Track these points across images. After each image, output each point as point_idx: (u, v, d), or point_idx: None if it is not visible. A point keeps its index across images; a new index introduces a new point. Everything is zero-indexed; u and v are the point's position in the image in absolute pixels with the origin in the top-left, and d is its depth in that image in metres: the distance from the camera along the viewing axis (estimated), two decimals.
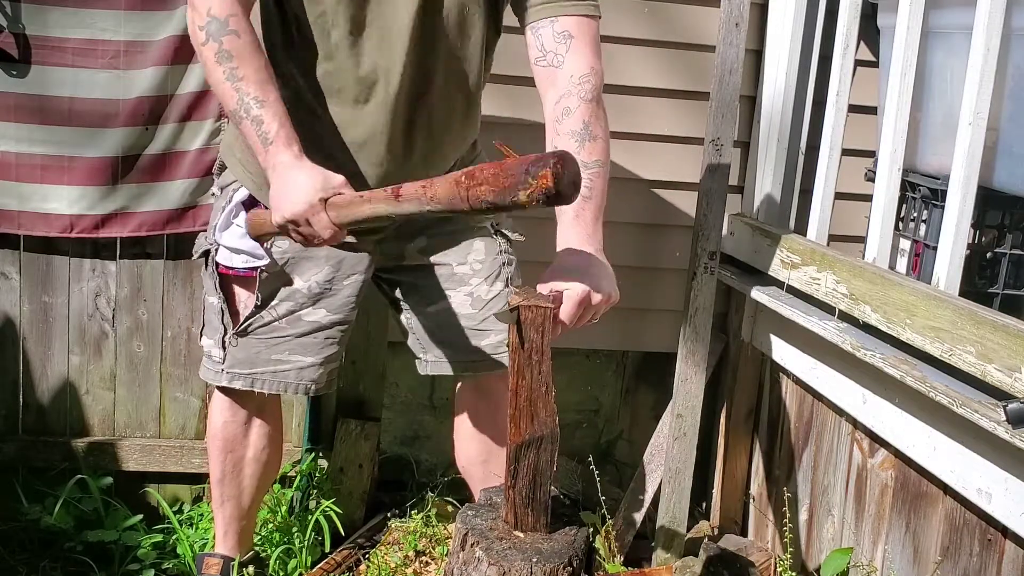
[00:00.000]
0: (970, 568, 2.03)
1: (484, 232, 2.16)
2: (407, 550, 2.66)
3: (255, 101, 1.73)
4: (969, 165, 2.11)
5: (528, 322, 1.53)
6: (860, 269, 2.33)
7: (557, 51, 1.84)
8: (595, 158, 1.81)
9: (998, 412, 1.81)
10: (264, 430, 2.26)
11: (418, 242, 2.15)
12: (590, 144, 1.81)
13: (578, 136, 1.80)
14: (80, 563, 2.55)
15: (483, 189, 1.55)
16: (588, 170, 1.77)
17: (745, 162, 2.98)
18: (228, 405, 2.23)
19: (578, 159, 1.68)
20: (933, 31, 2.46)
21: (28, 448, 2.73)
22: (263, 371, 2.10)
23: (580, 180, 1.52)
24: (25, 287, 2.69)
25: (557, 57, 1.84)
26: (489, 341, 2.13)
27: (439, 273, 2.14)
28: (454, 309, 2.13)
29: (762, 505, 2.87)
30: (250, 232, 1.94)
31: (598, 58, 1.87)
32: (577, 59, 1.84)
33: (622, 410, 3.17)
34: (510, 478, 1.61)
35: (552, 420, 1.59)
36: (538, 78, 1.88)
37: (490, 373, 2.14)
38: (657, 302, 2.99)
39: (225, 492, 2.30)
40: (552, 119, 1.84)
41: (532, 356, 1.55)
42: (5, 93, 2.49)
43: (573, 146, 1.78)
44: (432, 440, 3.06)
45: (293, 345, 2.11)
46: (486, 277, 2.14)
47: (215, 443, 2.28)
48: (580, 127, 1.80)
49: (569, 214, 1.75)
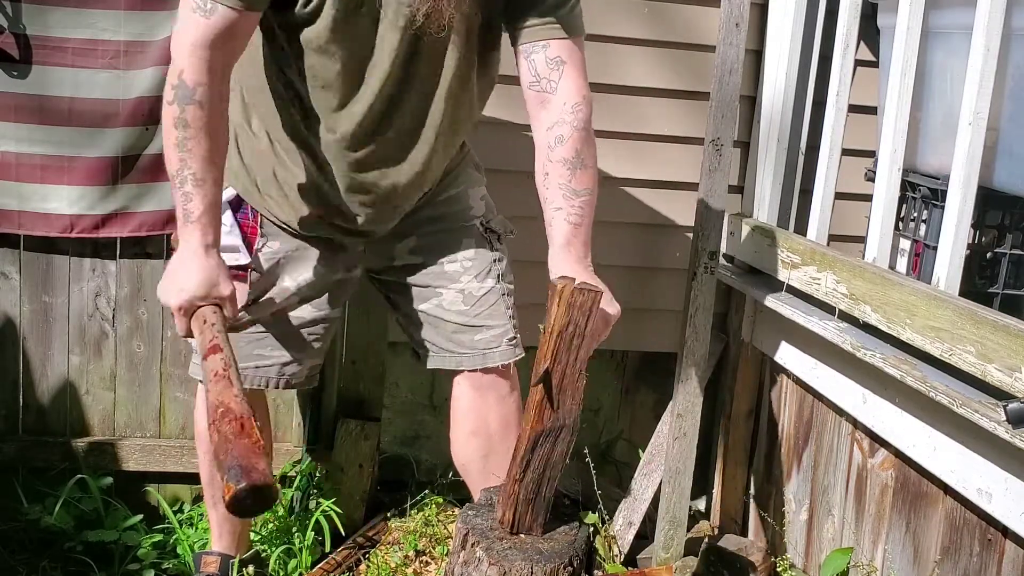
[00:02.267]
0: (970, 568, 2.03)
1: (473, 230, 2.18)
2: (407, 550, 2.66)
3: (192, 177, 1.79)
4: (969, 165, 2.11)
5: (577, 305, 1.53)
6: (860, 269, 2.33)
7: (550, 77, 1.89)
8: (585, 186, 1.88)
9: (998, 412, 1.81)
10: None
11: (408, 242, 2.16)
12: (581, 172, 1.88)
13: (570, 164, 1.87)
14: (80, 563, 2.55)
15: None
16: (579, 197, 1.86)
17: (745, 162, 2.98)
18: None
19: (570, 186, 1.83)
20: (933, 31, 2.46)
21: (28, 448, 2.73)
22: (245, 366, 2.09)
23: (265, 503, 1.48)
24: (25, 287, 2.69)
25: (551, 83, 1.89)
26: (482, 336, 2.14)
27: (430, 271, 2.16)
28: (446, 306, 2.15)
29: (762, 505, 2.87)
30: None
31: (587, 83, 1.93)
32: (570, 86, 1.90)
33: (622, 410, 3.17)
34: (519, 469, 1.59)
35: (576, 409, 1.58)
36: (530, 101, 1.94)
37: (484, 368, 2.15)
38: (657, 302, 2.99)
39: (216, 494, 2.30)
40: (545, 145, 1.90)
41: (573, 340, 1.55)
42: (5, 93, 2.49)
43: (565, 174, 1.86)
44: (432, 440, 3.06)
45: (276, 341, 2.13)
46: (477, 274, 2.15)
47: (201, 445, 2.28)
48: (573, 155, 1.88)
49: (560, 240, 1.84)
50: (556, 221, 1.86)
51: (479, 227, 2.19)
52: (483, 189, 2.25)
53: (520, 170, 2.21)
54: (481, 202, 2.22)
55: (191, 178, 1.79)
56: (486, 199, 2.24)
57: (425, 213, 2.16)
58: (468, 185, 2.21)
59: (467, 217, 2.18)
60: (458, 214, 2.18)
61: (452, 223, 2.17)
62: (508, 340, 2.14)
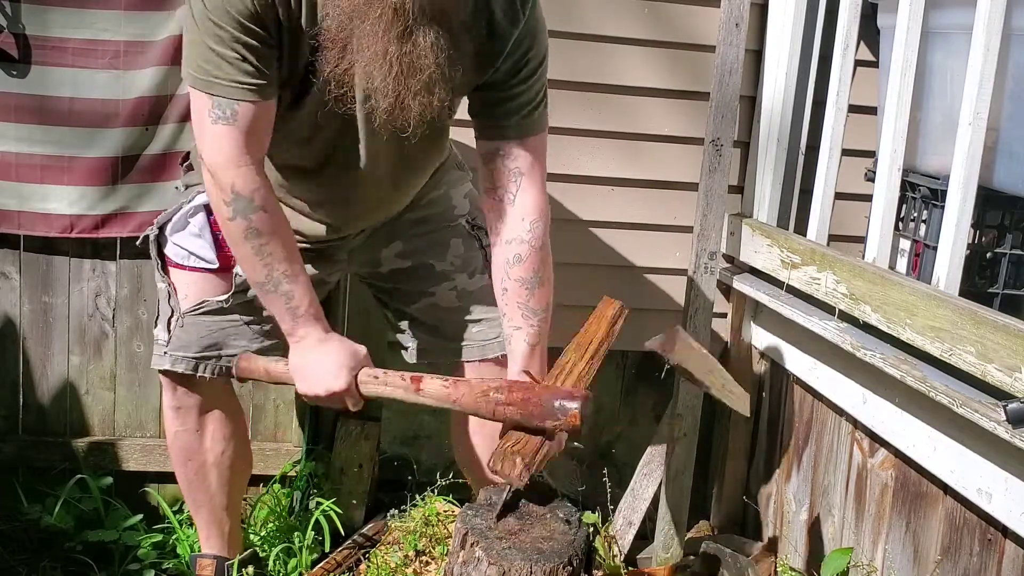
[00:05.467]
0: (970, 568, 2.03)
1: (460, 230, 2.18)
2: (407, 550, 2.66)
3: (285, 276, 1.80)
4: (969, 165, 2.11)
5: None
6: (860, 269, 2.33)
7: (508, 188, 1.89)
8: (542, 304, 1.92)
9: (998, 412, 1.81)
10: (220, 432, 2.20)
11: (394, 246, 2.16)
12: (539, 291, 1.91)
13: (528, 284, 1.90)
14: (80, 563, 2.55)
15: (510, 409, 1.73)
16: (536, 316, 1.90)
17: (745, 162, 2.98)
18: (175, 410, 2.16)
19: (528, 306, 1.87)
20: (933, 31, 2.46)
21: (28, 448, 2.73)
22: (209, 355, 2.07)
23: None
24: (25, 287, 2.69)
25: (508, 195, 1.90)
26: (479, 329, 2.14)
27: (420, 274, 2.16)
28: (440, 304, 2.15)
29: (762, 505, 2.87)
30: (238, 375, 2.01)
31: (545, 193, 1.93)
32: (527, 201, 1.90)
33: (622, 410, 3.17)
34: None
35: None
36: (486, 206, 1.95)
37: (483, 360, 2.15)
38: (657, 302, 2.98)
39: (196, 498, 2.27)
40: (503, 261, 1.92)
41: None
42: (5, 93, 2.49)
43: (523, 293, 1.89)
44: (432, 440, 3.06)
45: (241, 330, 2.09)
46: (468, 272, 2.16)
47: (173, 454, 2.23)
48: (531, 275, 1.90)
49: (520, 360, 1.89)
50: (515, 340, 1.91)
51: (465, 225, 2.19)
52: (468, 186, 2.24)
53: None
54: (465, 200, 2.22)
55: (284, 279, 1.80)
56: (470, 196, 2.23)
57: (408, 216, 2.15)
58: (450, 186, 2.21)
59: (452, 217, 2.18)
60: (442, 215, 2.18)
61: (437, 224, 2.17)
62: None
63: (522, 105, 1.86)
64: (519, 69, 1.84)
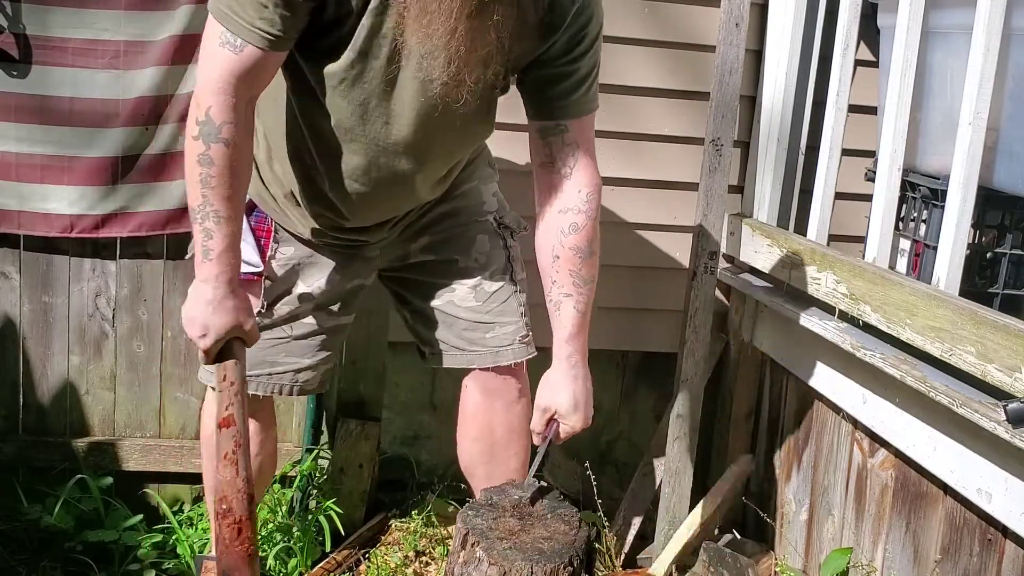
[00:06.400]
0: (970, 568, 2.03)
1: (487, 227, 2.17)
2: (407, 550, 2.66)
3: (214, 213, 1.78)
4: (969, 165, 2.11)
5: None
6: (860, 269, 2.33)
7: (567, 162, 1.91)
8: (592, 275, 1.96)
9: (998, 412, 1.81)
10: (258, 437, 2.21)
11: (422, 241, 2.15)
12: (590, 260, 1.95)
13: (582, 253, 1.93)
14: (80, 563, 2.55)
15: None
16: (587, 285, 1.94)
17: (745, 162, 2.98)
18: None
19: (580, 275, 1.91)
20: (933, 31, 2.47)
21: (28, 448, 2.73)
22: (259, 373, 2.09)
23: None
24: (25, 287, 2.69)
25: (566, 168, 1.91)
26: (493, 334, 2.13)
27: (443, 268, 2.15)
28: (458, 303, 2.14)
29: (762, 505, 2.87)
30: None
31: (597, 167, 1.96)
32: (584, 173, 1.92)
33: (622, 410, 3.17)
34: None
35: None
36: (540, 178, 1.95)
37: (496, 368, 2.14)
38: (657, 302, 2.99)
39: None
40: (557, 228, 1.93)
41: None
42: (5, 93, 2.49)
43: (577, 261, 1.92)
44: (432, 440, 3.06)
45: (291, 347, 2.11)
46: (491, 271, 2.14)
47: (207, 449, 2.24)
48: (585, 245, 1.93)
49: (569, 328, 1.93)
50: (565, 307, 1.93)
51: (492, 222, 2.17)
52: (495, 186, 2.24)
53: (527, 171, 2.20)
54: (494, 198, 2.21)
55: (212, 215, 1.78)
56: (498, 196, 2.23)
57: (440, 209, 2.14)
58: (482, 181, 2.20)
59: (481, 212, 2.17)
60: (472, 208, 2.17)
61: (466, 218, 2.15)
62: (520, 338, 2.13)
63: (579, 82, 1.87)
64: (577, 43, 1.85)
